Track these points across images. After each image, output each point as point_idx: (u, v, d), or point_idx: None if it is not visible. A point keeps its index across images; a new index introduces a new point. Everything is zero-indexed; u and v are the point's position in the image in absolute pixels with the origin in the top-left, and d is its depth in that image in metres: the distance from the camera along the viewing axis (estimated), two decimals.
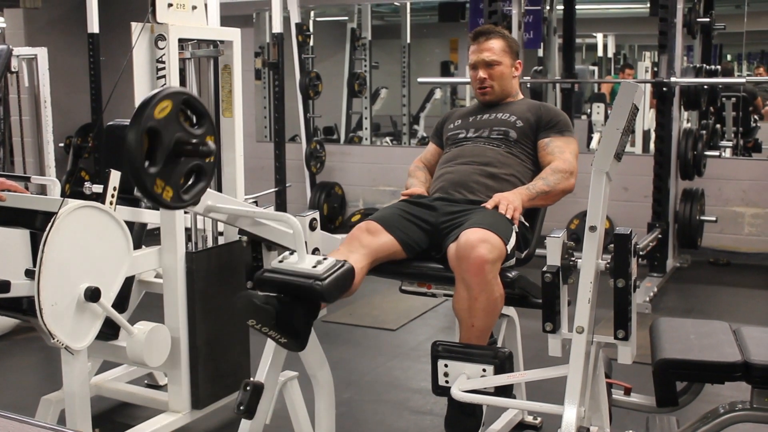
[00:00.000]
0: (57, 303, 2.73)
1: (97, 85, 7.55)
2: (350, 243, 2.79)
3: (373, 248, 2.78)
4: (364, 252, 2.76)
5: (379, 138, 9.69)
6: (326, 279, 2.48)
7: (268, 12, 8.16)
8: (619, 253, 2.37)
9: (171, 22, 3.07)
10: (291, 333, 2.54)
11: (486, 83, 3.25)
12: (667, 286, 5.91)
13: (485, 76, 3.24)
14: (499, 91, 3.27)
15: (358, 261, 2.71)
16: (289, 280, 2.52)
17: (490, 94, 3.27)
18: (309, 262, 2.55)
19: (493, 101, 3.29)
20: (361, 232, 2.81)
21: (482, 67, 3.25)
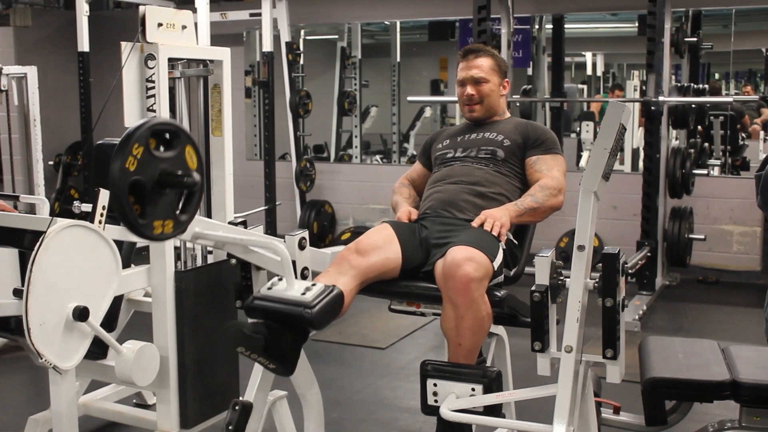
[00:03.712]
0: (45, 322, 2.72)
1: (86, 104, 7.55)
2: (340, 264, 2.78)
3: (362, 269, 2.77)
4: (353, 273, 2.75)
5: (369, 156, 9.70)
6: (315, 306, 2.48)
7: (258, 31, 8.18)
8: (607, 272, 2.37)
9: (161, 41, 3.07)
10: (280, 359, 2.54)
11: (473, 99, 3.26)
12: (656, 305, 5.92)
13: (473, 92, 3.26)
14: (486, 109, 3.28)
15: (347, 283, 2.71)
16: (278, 308, 2.52)
17: (477, 111, 3.28)
18: (298, 288, 2.55)
19: (480, 119, 3.30)
20: (350, 253, 2.80)
21: (470, 83, 3.27)
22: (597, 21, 10.59)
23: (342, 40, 9.46)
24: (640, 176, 6.23)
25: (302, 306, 2.48)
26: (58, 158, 8.42)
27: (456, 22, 8.76)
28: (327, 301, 2.51)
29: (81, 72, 7.39)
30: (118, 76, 3.02)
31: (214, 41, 6.42)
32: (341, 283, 2.67)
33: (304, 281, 2.63)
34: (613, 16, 10.02)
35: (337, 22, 9.23)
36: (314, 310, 2.47)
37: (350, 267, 2.76)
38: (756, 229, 6.61)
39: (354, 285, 2.74)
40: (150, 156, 2.30)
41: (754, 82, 10.86)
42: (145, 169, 2.28)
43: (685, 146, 6.82)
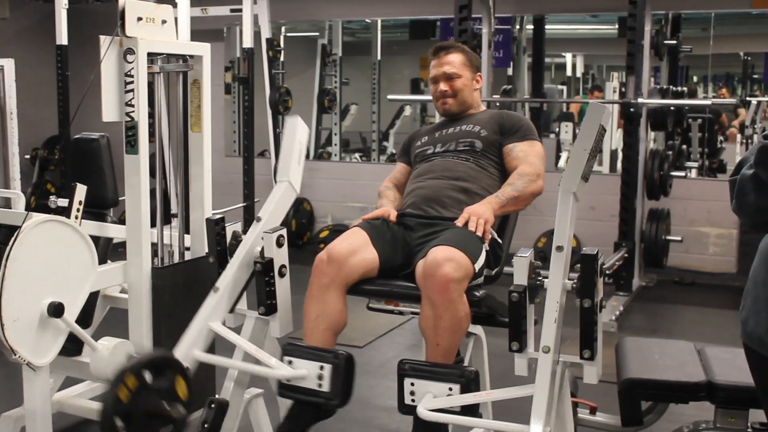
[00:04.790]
0: (19, 318, 2.69)
1: (64, 98, 7.49)
2: (319, 280, 2.79)
3: (343, 276, 2.79)
4: (336, 285, 2.78)
5: (348, 154, 9.69)
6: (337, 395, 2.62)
7: (238, 27, 8.15)
8: (585, 273, 2.38)
9: (140, 35, 3.05)
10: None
11: (446, 95, 3.27)
12: (633, 305, 5.95)
13: (446, 88, 3.27)
14: (460, 103, 3.29)
15: (336, 299, 2.77)
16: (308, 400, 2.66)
17: (450, 104, 3.29)
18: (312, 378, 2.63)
19: (454, 112, 3.31)
20: (323, 264, 2.79)
21: (443, 79, 3.27)
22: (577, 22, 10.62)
23: (323, 38, 9.44)
24: (619, 177, 6.25)
25: (327, 399, 2.62)
26: (34, 152, 8.36)
27: (437, 21, 8.76)
28: (344, 380, 2.63)
29: (59, 65, 7.33)
30: (96, 70, 2.99)
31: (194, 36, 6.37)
32: (331, 300, 2.76)
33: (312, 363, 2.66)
34: (593, 18, 10.04)
35: (318, 20, 9.21)
36: (338, 399, 2.63)
37: (331, 280, 2.77)
38: (732, 231, 6.66)
39: (342, 295, 2.80)
40: (143, 388, 2.39)
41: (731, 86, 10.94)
42: (136, 402, 2.37)
43: (664, 148, 6.86)
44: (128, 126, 3.05)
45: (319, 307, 2.76)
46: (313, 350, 2.70)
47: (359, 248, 2.84)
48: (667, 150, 6.72)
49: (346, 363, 2.63)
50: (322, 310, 2.76)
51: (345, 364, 2.63)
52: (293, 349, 2.70)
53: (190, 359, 2.75)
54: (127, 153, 3.08)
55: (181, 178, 3.45)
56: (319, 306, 2.76)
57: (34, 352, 2.76)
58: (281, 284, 2.82)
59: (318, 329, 2.77)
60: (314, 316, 2.77)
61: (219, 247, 2.94)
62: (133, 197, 3.11)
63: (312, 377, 2.62)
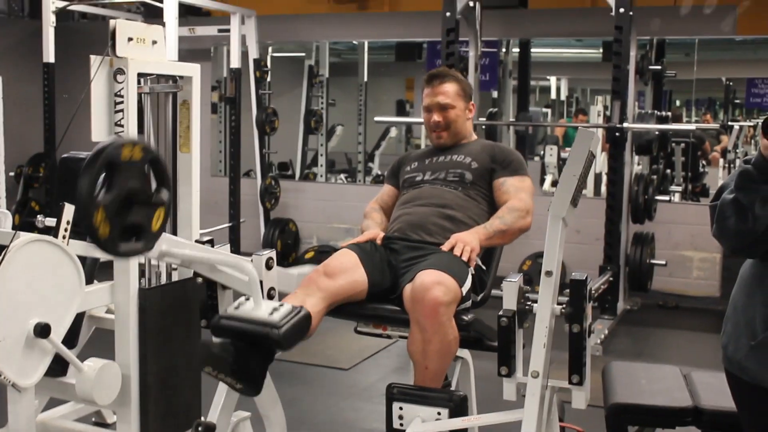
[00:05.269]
0: (5, 339, 2.67)
1: (50, 115, 7.47)
2: (307, 286, 2.78)
3: (330, 292, 2.78)
4: (321, 295, 2.76)
5: (333, 175, 9.70)
6: (283, 326, 2.48)
7: (226, 47, 8.15)
8: (575, 298, 2.39)
9: (131, 56, 3.04)
10: (247, 379, 2.53)
11: (440, 126, 3.28)
12: (618, 329, 5.96)
13: (439, 119, 3.28)
14: (453, 135, 3.31)
15: (315, 305, 2.72)
16: (245, 328, 2.53)
17: (445, 138, 3.31)
18: (265, 308, 2.54)
19: (448, 146, 3.32)
20: (318, 275, 2.80)
21: (436, 110, 3.28)
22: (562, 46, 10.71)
23: (309, 59, 9.46)
24: (603, 201, 6.28)
25: (270, 326, 2.47)
26: (19, 170, 8.31)
27: (423, 44, 8.81)
28: (295, 322, 2.51)
29: (45, 83, 7.31)
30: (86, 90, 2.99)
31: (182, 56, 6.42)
32: (309, 304, 2.69)
33: (271, 302, 2.62)
34: (578, 42, 10.14)
35: (305, 41, 9.24)
36: (282, 330, 2.46)
37: (318, 289, 2.76)
38: (716, 255, 6.70)
39: (321, 307, 2.75)
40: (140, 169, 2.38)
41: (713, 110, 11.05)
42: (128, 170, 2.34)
43: (648, 172, 6.90)
44: None
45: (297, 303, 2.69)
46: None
47: (350, 269, 2.85)
48: (652, 174, 6.77)
49: (305, 315, 2.58)
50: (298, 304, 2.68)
51: (304, 314, 2.57)
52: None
53: None
54: None
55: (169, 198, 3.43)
56: (297, 302, 2.69)
57: (19, 373, 2.73)
58: None
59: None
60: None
61: None
62: None
63: (265, 308, 2.56)
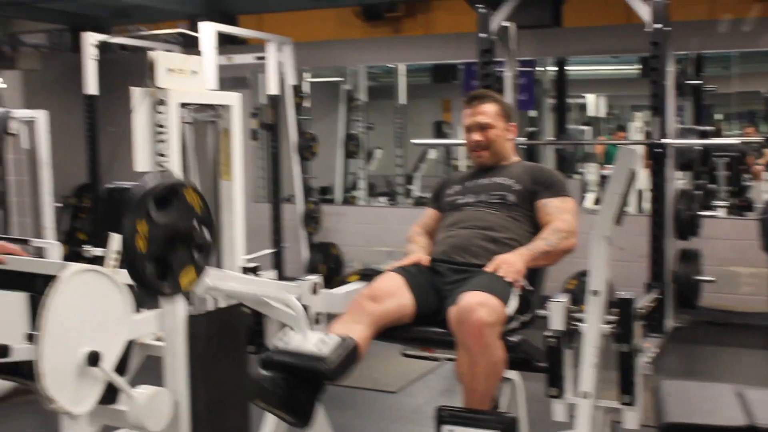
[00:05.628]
0: (57, 368, 2.70)
1: (94, 146, 7.59)
2: (353, 312, 2.79)
3: (377, 316, 2.79)
4: (368, 321, 2.77)
5: (374, 198, 9.72)
6: (332, 360, 2.52)
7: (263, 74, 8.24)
8: (623, 317, 2.37)
9: (171, 87, 3.10)
10: (297, 412, 2.55)
11: (481, 145, 3.28)
12: (668, 347, 5.88)
13: (480, 138, 3.28)
14: (494, 154, 3.31)
15: (362, 331, 2.74)
16: (295, 363, 2.56)
17: (485, 158, 3.31)
18: (313, 341, 2.57)
19: (488, 165, 3.32)
20: (364, 300, 2.81)
21: (476, 129, 3.29)
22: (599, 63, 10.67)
23: (346, 83, 9.52)
24: (646, 218, 6.22)
25: (319, 360, 2.50)
26: (65, 200, 8.44)
27: (459, 65, 8.83)
28: (343, 354, 2.55)
29: (88, 115, 7.44)
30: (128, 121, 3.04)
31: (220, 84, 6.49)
32: (356, 331, 2.70)
33: (318, 333, 2.62)
34: (615, 59, 10.09)
35: (341, 66, 9.29)
36: (331, 364, 2.51)
37: (365, 314, 2.77)
38: (765, 270, 6.57)
39: (369, 333, 2.77)
40: (154, 226, 2.34)
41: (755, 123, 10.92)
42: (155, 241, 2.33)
43: (692, 188, 6.83)
44: None
45: (343, 330, 2.70)
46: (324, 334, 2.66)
47: (396, 292, 2.85)
48: (695, 189, 6.70)
49: (353, 347, 2.60)
50: (345, 332, 2.69)
51: (352, 346, 2.60)
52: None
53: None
54: None
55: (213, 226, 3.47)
56: (344, 329, 2.71)
57: (72, 401, 2.76)
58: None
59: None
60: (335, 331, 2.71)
61: None
62: None
63: (313, 341, 2.57)
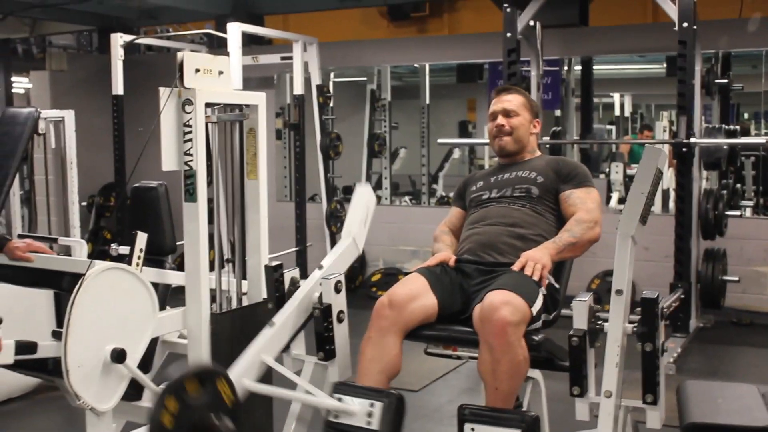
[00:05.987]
0: (83, 364, 2.74)
1: (120, 146, 7.66)
2: (379, 324, 2.83)
3: (402, 322, 2.83)
4: (395, 330, 2.82)
5: (398, 197, 9.72)
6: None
7: (289, 74, 8.27)
8: (646, 316, 2.37)
9: (198, 86, 3.11)
10: None
11: (503, 131, 3.29)
12: (691, 347, 5.85)
13: (503, 123, 3.29)
14: (516, 141, 3.30)
15: (393, 343, 2.81)
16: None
17: (507, 142, 3.30)
18: (361, 414, 2.62)
19: (509, 152, 3.32)
20: (384, 309, 2.83)
21: (501, 114, 3.31)
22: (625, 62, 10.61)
23: (371, 83, 9.53)
24: (672, 217, 6.18)
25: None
26: (91, 199, 8.52)
27: (484, 65, 8.81)
28: (393, 417, 2.62)
29: (115, 115, 7.50)
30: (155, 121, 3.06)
31: (246, 84, 6.52)
32: (388, 345, 2.79)
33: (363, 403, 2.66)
34: (641, 58, 10.02)
35: (366, 65, 9.31)
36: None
37: (391, 324, 2.81)
38: None
39: (399, 341, 2.83)
40: (185, 407, 2.42)
41: None
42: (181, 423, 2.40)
43: (718, 187, 6.78)
44: (187, 175, 3.11)
45: (376, 351, 2.79)
46: (364, 389, 2.71)
47: (419, 294, 2.86)
48: (721, 189, 6.64)
49: (398, 403, 2.63)
50: (378, 354, 2.79)
51: (396, 404, 2.63)
52: (344, 388, 2.72)
53: (239, 387, 2.77)
54: (186, 201, 3.13)
55: (238, 225, 3.49)
56: (376, 349, 2.79)
57: (97, 398, 2.80)
58: (339, 330, 2.84)
59: (372, 371, 2.79)
60: (369, 357, 2.80)
61: (278, 293, 2.97)
62: (191, 244, 3.15)
63: (361, 415, 2.61)
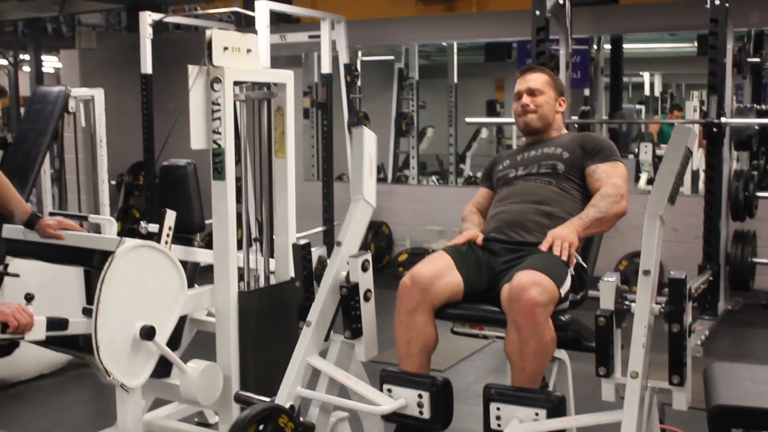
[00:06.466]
0: (113, 341, 2.78)
1: (149, 125, 7.70)
2: (405, 305, 2.84)
3: (430, 299, 2.84)
4: (423, 309, 2.83)
5: (425, 177, 9.71)
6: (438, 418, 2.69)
7: (316, 52, 8.27)
8: (674, 297, 2.35)
9: (226, 65, 3.12)
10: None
11: (528, 109, 3.28)
12: (719, 330, 5.81)
13: (528, 102, 3.28)
14: (541, 118, 3.29)
15: (425, 322, 2.83)
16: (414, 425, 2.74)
17: (531, 119, 3.29)
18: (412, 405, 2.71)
19: (535, 128, 3.31)
20: (408, 289, 2.84)
21: (526, 93, 3.30)
22: (655, 41, 10.49)
23: (399, 62, 9.50)
24: (701, 198, 6.13)
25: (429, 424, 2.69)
26: (120, 178, 8.59)
27: (513, 43, 8.75)
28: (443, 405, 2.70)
29: (144, 93, 7.54)
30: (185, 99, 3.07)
31: (273, 63, 6.53)
32: (419, 323, 2.82)
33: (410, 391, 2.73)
34: (671, 36, 9.91)
35: (394, 44, 9.28)
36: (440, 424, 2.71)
37: (417, 304, 2.82)
38: None
39: (430, 317, 2.85)
40: None
41: None
42: None
43: (748, 168, 6.71)
44: (215, 153, 3.12)
45: (409, 332, 2.82)
46: (410, 377, 2.76)
47: (444, 272, 2.87)
48: (752, 170, 6.57)
49: (444, 388, 2.69)
50: (412, 335, 2.82)
51: (443, 390, 2.69)
52: (391, 377, 2.77)
53: (294, 397, 2.82)
54: (214, 179, 3.15)
55: (266, 203, 3.51)
56: (409, 331, 2.82)
57: (127, 374, 2.84)
58: (366, 308, 2.85)
59: (412, 353, 2.83)
60: (405, 340, 2.84)
61: (305, 272, 2.98)
62: (220, 222, 3.17)
63: (412, 405, 2.69)
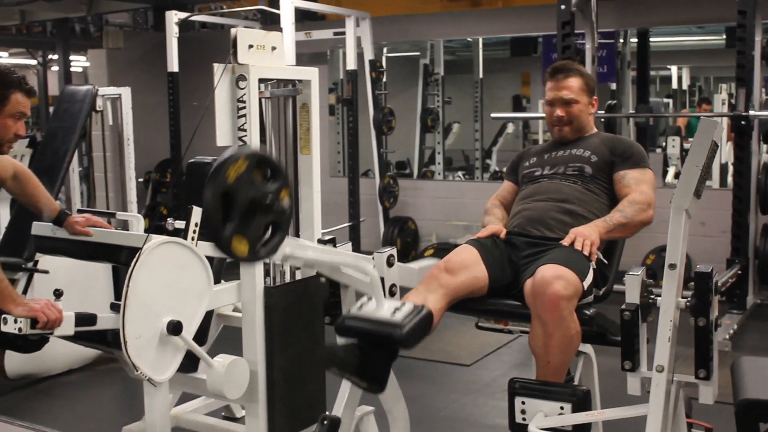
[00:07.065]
0: (141, 336, 2.80)
1: (176, 123, 7.75)
2: (429, 283, 2.81)
3: (451, 288, 2.80)
4: (442, 292, 2.78)
5: (451, 173, 9.71)
6: (406, 326, 2.53)
7: (342, 49, 8.28)
8: (700, 291, 2.34)
9: (251, 62, 3.13)
10: (371, 378, 2.60)
11: (563, 121, 3.24)
12: (748, 324, 5.76)
13: (562, 114, 3.23)
14: (576, 129, 3.26)
15: (436, 302, 2.74)
16: (369, 328, 2.59)
17: (567, 133, 3.26)
18: (387, 308, 2.60)
19: (570, 141, 3.28)
20: (439, 272, 2.82)
21: (560, 105, 3.23)
22: (683, 34, 10.41)
23: (424, 57, 9.50)
24: (729, 192, 6.09)
25: (393, 326, 2.53)
26: (147, 175, 8.67)
27: (538, 38, 8.72)
28: (417, 321, 2.55)
29: (170, 92, 7.59)
30: (210, 96, 3.09)
31: (299, 60, 6.55)
32: (430, 301, 2.71)
33: (393, 301, 2.66)
34: (699, 29, 9.83)
35: (419, 40, 9.28)
36: (405, 329, 2.52)
37: (439, 286, 2.79)
38: None
39: (443, 304, 2.78)
40: (249, 179, 2.36)
41: None
42: (241, 186, 2.33)
43: None
44: None
45: (418, 299, 2.72)
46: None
47: (471, 264, 2.86)
48: None
49: (427, 313, 2.61)
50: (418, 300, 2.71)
51: (425, 314, 2.60)
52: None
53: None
54: None
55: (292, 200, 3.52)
56: (419, 298, 2.73)
57: (154, 369, 2.86)
58: None
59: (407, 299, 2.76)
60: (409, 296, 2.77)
61: None
62: None
63: (388, 308, 2.60)
